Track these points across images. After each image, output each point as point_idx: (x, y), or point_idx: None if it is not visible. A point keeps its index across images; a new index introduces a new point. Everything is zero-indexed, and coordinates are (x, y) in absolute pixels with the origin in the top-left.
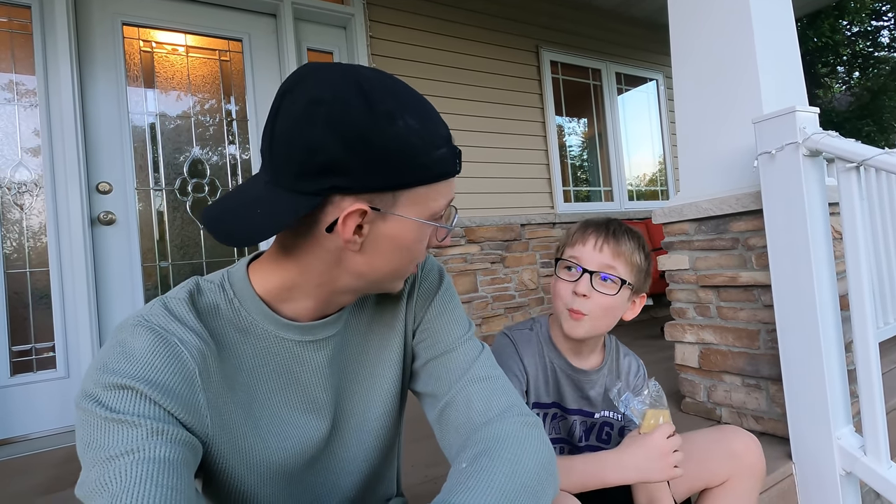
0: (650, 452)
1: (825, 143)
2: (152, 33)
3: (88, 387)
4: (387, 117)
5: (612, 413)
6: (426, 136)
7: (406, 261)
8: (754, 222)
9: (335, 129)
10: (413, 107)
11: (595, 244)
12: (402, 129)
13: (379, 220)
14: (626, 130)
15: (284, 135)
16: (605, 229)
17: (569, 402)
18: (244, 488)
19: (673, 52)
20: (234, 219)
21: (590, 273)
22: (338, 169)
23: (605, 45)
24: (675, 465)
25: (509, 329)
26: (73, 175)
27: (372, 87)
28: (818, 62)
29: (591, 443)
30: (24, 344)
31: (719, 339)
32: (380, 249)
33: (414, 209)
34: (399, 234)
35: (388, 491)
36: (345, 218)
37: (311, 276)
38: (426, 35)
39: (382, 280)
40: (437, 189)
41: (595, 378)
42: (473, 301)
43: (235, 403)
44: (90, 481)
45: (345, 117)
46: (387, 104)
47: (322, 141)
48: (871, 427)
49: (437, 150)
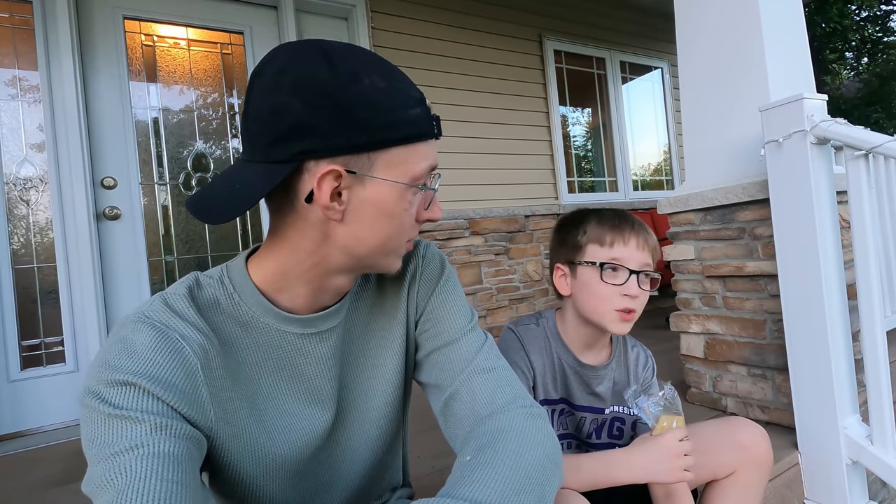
0: (660, 454)
1: (833, 130)
2: (154, 27)
3: (91, 384)
4: (351, 76)
5: (622, 408)
6: (394, 95)
7: (393, 231)
8: (761, 212)
9: (299, 91)
10: (380, 68)
11: (637, 244)
12: (367, 87)
13: (357, 185)
14: (631, 120)
15: (255, 109)
16: (637, 226)
17: (577, 398)
18: (250, 481)
19: (678, 39)
20: (213, 197)
21: (637, 274)
22: (305, 130)
23: (609, 33)
24: (686, 468)
25: (514, 324)
26: (77, 170)
27: (336, 51)
28: (826, 48)
29: (602, 440)
30: (33, 338)
31: (725, 329)
32: (363, 218)
33: (392, 171)
34: (380, 199)
35: (394, 481)
36: (319, 181)
37: (301, 256)
38: (428, 25)
39: (372, 254)
40: (416, 151)
41: (603, 373)
42: (478, 293)
43: (239, 397)
44: (96, 477)
45: (309, 79)
46: (350, 65)
47: (287, 103)
48: (878, 416)
49: (409, 110)
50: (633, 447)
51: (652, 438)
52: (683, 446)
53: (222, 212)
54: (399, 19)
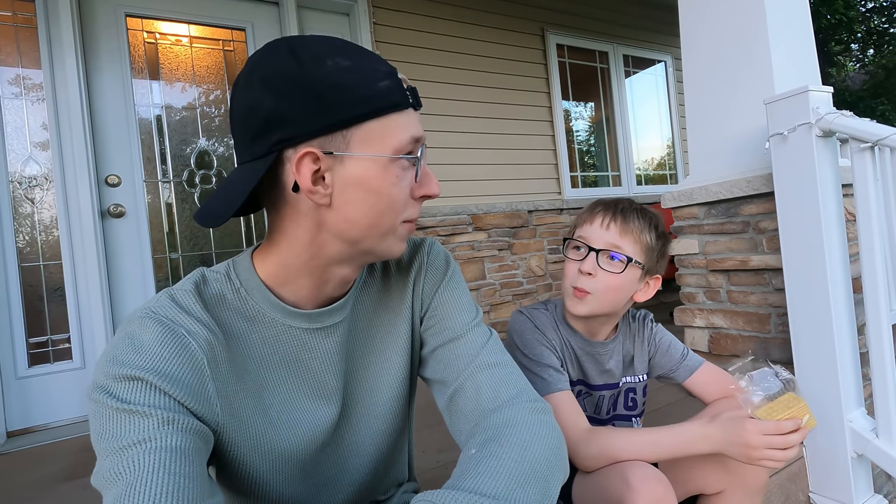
0: (737, 439)
1: (839, 123)
2: (156, 24)
3: (99, 378)
4: (314, 61)
5: (632, 377)
6: (360, 71)
7: (383, 207)
8: (765, 205)
9: (268, 85)
10: (344, 50)
11: (602, 222)
12: (330, 68)
13: (338, 166)
14: (634, 114)
15: (235, 111)
16: (613, 208)
17: (593, 377)
18: (256, 475)
19: (682, 32)
20: (212, 203)
21: (596, 251)
22: (277, 120)
23: (612, 26)
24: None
25: (524, 308)
26: (82, 168)
27: (301, 42)
28: (831, 40)
29: (618, 412)
30: (40, 336)
31: (729, 323)
32: (350, 199)
33: (370, 146)
34: (363, 176)
35: (399, 475)
36: (297, 166)
37: (299, 248)
38: (430, 20)
39: (367, 236)
40: (393, 122)
41: (612, 347)
42: (481, 288)
43: (245, 392)
44: (105, 471)
45: (274, 72)
46: (313, 51)
47: (258, 98)
48: (884, 409)
49: (379, 83)
50: (715, 422)
51: (739, 418)
52: (766, 440)
53: (217, 215)
54: (401, 14)
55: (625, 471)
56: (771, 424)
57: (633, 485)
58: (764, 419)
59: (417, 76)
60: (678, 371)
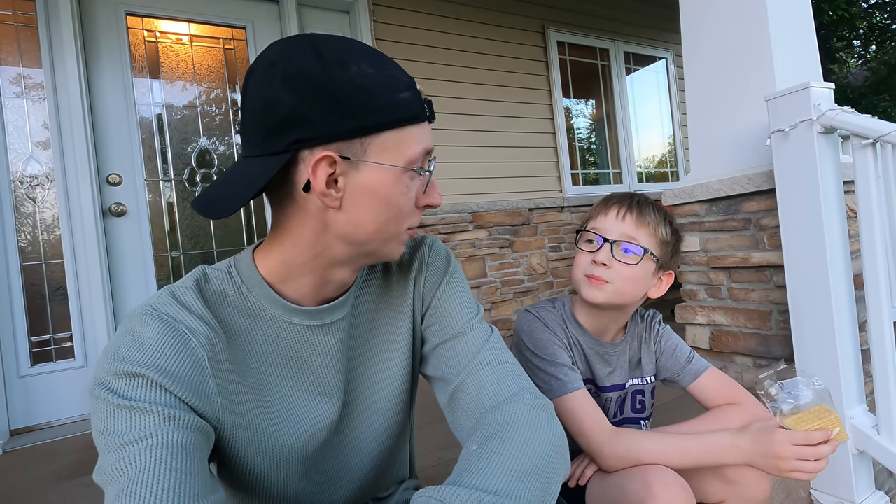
0: (767, 450)
1: (840, 119)
2: (156, 23)
3: (100, 375)
4: (339, 64)
5: (639, 379)
6: (383, 80)
7: (391, 215)
8: (766, 202)
9: (289, 83)
10: (368, 56)
11: (618, 214)
12: (355, 73)
13: (352, 171)
14: (635, 111)
15: (249, 105)
16: (629, 200)
17: (601, 378)
18: (258, 471)
19: (683, 28)
20: (215, 194)
21: (611, 243)
22: (297, 119)
23: (613, 23)
24: (797, 470)
25: (531, 307)
26: (83, 167)
27: (323, 42)
28: (833, 36)
29: (626, 415)
30: (42, 334)
31: (731, 320)
32: (360, 204)
33: (386, 155)
34: (376, 184)
35: (401, 473)
36: (314, 168)
37: (302, 246)
38: (430, 18)
39: (372, 240)
40: (408, 134)
41: (622, 347)
42: (482, 286)
43: (246, 389)
44: (106, 467)
45: (298, 70)
46: (338, 54)
47: (278, 95)
48: (885, 406)
49: (399, 94)
50: (745, 432)
51: (769, 429)
52: (796, 450)
53: (223, 206)
54: (401, 12)
55: (646, 474)
56: (800, 435)
57: (655, 489)
58: (793, 429)
59: (418, 74)
60: (682, 375)
